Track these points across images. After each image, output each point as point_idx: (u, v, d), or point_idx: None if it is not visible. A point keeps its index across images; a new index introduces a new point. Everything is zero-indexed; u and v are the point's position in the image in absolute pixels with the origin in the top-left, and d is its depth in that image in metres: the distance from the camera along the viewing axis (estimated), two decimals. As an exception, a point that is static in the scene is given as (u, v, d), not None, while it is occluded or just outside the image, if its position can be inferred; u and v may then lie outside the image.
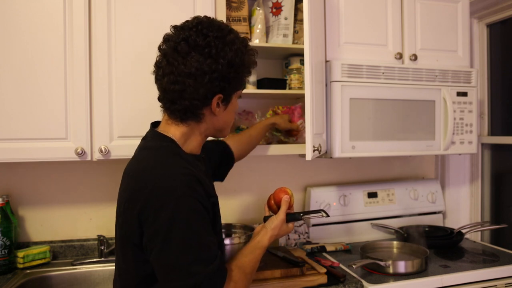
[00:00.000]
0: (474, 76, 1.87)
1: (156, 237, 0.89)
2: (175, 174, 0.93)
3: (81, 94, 1.43)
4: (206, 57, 0.95)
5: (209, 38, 0.96)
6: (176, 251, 0.88)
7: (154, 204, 0.90)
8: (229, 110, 1.06)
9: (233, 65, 0.98)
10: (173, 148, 1.01)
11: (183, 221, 0.89)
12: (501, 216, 2.14)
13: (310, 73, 1.35)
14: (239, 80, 1.03)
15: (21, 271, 1.56)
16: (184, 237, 0.89)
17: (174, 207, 0.89)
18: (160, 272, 0.92)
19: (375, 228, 2.03)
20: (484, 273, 1.58)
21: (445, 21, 1.86)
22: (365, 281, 1.46)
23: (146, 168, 0.96)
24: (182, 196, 0.90)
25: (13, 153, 1.39)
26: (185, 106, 0.99)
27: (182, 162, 0.97)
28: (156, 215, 0.89)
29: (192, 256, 0.89)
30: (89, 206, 1.77)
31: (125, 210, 0.96)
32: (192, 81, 0.96)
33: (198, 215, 0.92)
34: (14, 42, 1.38)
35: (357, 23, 1.72)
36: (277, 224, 1.15)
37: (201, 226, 0.93)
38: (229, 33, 1.01)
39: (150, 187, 0.91)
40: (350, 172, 2.12)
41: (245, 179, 1.95)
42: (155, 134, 1.05)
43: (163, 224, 0.89)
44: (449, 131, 1.79)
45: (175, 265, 0.89)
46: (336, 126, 1.65)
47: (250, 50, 1.05)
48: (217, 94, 0.99)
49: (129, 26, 1.47)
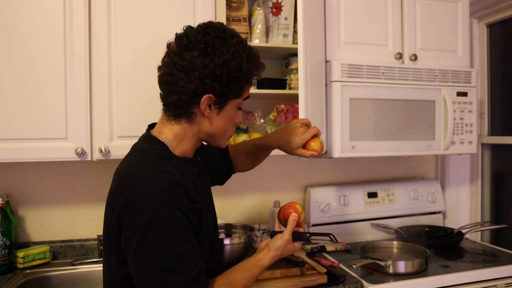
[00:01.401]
0: (474, 76, 1.86)
1: (131, 240, 0.89)
2: (157, 179, 0.91)
3: (81, 94, 1.43)
4: (201, 54, 0.94)
5: (208, 36, 0.96)
6: (150, 257, 0.87)
7: (132, 207, 0.89)
8: (223, 117, 1.02)
9: (227, 67, 0.95)
10: (161, 152, 0.99)
11: (159, 227, 0.87)
12: (501, 216, 2.14)
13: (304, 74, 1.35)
14: (234, 86, 0.98)
15: (21, 271, 1.56)
16: (159, 244, 0.87)
17: (151, 213, 0.88)
18: (135, 275, 0.91)
19: (375, 228, 2.03)
20: (484, 273, 1.58)
21: (445, 21, 1.86)
22: (365, 281, 1.46)
23: (130, 170, 0.96)
24: (161, 202, 0.88)
25: (13, 153, 1.39)
26: (175, 101, 0.98)
27: (167, 167, 0.95)
28: (133, 218, 0.88)
29: (165, 264, 0.87)
30: (89, 206, 1.77)
31: (108, 210, 0.96)
32: (184, 74, 0.95)
33: (176, 223, 0.90)
34: (14, 42, 1.38)
35: (357, 23, 1.72)
36: (281, 245, 1.08)
37: (179, 234, 0.90)
38: (232, 37, 0.98)
39: (131, 190, 0.91)
40: (350, 172, 2.12)
41: (245, 179, 1.95)
42: (147, 136, 1.04)
43: (139, 229, 0.88)
44: (449, 131, 1.79)
45: (147, 272, 0.87)
46: (336, 126, 1.65)
47: (254, 60, 1.01)
48: (207, 93, 0.96)
49: (129, 26, 1.47)
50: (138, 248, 0.88)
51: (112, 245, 0.95)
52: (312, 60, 1.47)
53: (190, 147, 1.05)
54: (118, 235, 0.92)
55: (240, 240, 1.51)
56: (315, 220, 1.93)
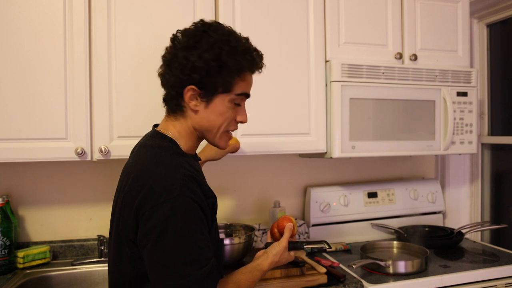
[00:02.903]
0: (474, 76, 1.87)
1: (150, 234, 0.90)
2: (175, 174, 0.93)
3: (81, 94, 1.43)
4: (183, 47, 0.99)
5: (192, 30, 1.01)
6: (169, 250, 0.88)
7: (151, 202, 0.90)
8: (212, 110, 1.02)
9: (204, 58, 0.96)
10: (173, 148, 1.01)
11: (178, 221, 0.89)
12: (501, 216, 2.14)
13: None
14: (215, 77, 0.98)
15: (21, 271, 1.56)
16: (178, 237, 0.89)
17: (171, 206, 0.89)
18: (151, 269, 0.91)
19: (375, 228, 2.03)
20: (484, 273, 1.58)
21: (445, 21, 1.86)
22: (365, 281, 1.46)
23: (146, 166, 0.97)
24: (180, 195, 0.90)
25: (13, 153, 1.39)
26: (166, 94, 1.04)
27: (183, 163, 0.97)
28: (152, 212, 0.89)
29: (184, 257, 0.89)
30: (89, 206, 1.77)
31: (123, 205, 0.97)
32: (168, 68, 1.01)
33: (194, 216, 0.92)
34: (14, 42, 1.38)
35: (357, 23, 1.72)
36: (278, 251, 1.13)
37: (197, 228, 0.92)
38: (216, 30, 0.99)
39: (150, 185, 0.92)
40: (350, 172, 2.12)
41: (245, 179, 1.95)
42: (155, 133, 1.06)
43: (159, 222, 0.89)
44: (449, 131, 1.79)
45: (166, 264, 0.88)
46: (336, 126, 1.65)
47: (241, 53, 1.00)
48: (188, 84, 0.99)
49: (129, 26, 1.47)
50: (157, 241, 0.89)
51: (127, 241, 0.96)
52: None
53: (193, 144, 1.08)
54: (135, 231, 0.93)
55: (240, 240, 1.52)
56: (315, 220, 1.93)
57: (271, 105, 1.61)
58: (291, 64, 1.64)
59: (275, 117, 1.62)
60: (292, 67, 1.64)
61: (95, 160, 1.46)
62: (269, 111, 1.61)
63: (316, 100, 1.66)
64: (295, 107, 1.64)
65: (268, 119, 1.61)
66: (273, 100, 1.61)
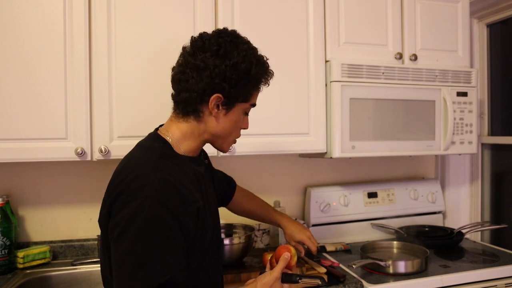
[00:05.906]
0: (474, 76, 1.87)
1: (114, 230, 0.91)
2: (151, 176, 0.92)
3: (81, 94, 1.43)
4: (214, 55, 0.99)
5: (221, 40, 1.01)
6: (125, 249, 0.88)
7: (122, 199, 0.91)
8: (230, 118, 1.05)
9: (237, 69, 0.99)
10: (162, 150, 1.01)
11: (140, 221, 0.88)
12: (501, 216, 2.14)
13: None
14: (242, 88, 1.02)
15: (21, 271, 1.57)
16: (137, 238, 0.88)
17: (136, 207, 0.88)
18: (112, 264, 0.92)
19: (375, 228, 2.03)
20: (484, 273, 1.58)
21: (445, 21, 1.86)
22: (365, 281, 1.46)
23: (130, 164, 0.98)
24: (148, 197, 0.89)
25: (13, 153, 1.39)
26: (185, 98, 1.01)
27: (166, 166, 0.96)
28: (120, 209, 0.90)
29: (137, 259, 0.87)
30: (89, 206, 1.77)
31: (104, 198, 0.99)
32: (196, 73, 0.99)
33: (159, 222, 0.89)
34: (14, 42, 1.38)
35: (357, 23, 1.72)
36: (268, 281, 1.02)
37: (160, 234, 0.89)
38: (244, 43, 1.03)
39: (127, 182, 0.93)
40: (350, 172, 2.12)
41: (245, 179, 1.95)
42: (152, 134, 1.07)
43: (122, 220, 0.89)
44: (449, 131, 1.79)
45: (121, 263, 0.89)
46: (336, 126, 1.65)
47: (263, 66, 1.05)
48: (215, 92, 0.99)
49: (129, 26, 1.47)
50: (118, 237, 0.89)
51: (104, 233, 0.97)
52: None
53: (196, 146, 1.08)
54: (107, 224, 0.94)
55: (240, 240, 1.52)
56: (315, 220, 1.93)
57: (271, 105, 1.61)
58: (291, 64, 1.64)
59: (275, 117, 1.62)
60: (292, 67, 1.64)
61: (95, 160, 1.46)
62: (269, 111, 1.61)
63: (316, 100, 1.66)
64: (295, 107, 1.64)
65: (268, 119, 1.61)
66: (273, 100, 1.61)
